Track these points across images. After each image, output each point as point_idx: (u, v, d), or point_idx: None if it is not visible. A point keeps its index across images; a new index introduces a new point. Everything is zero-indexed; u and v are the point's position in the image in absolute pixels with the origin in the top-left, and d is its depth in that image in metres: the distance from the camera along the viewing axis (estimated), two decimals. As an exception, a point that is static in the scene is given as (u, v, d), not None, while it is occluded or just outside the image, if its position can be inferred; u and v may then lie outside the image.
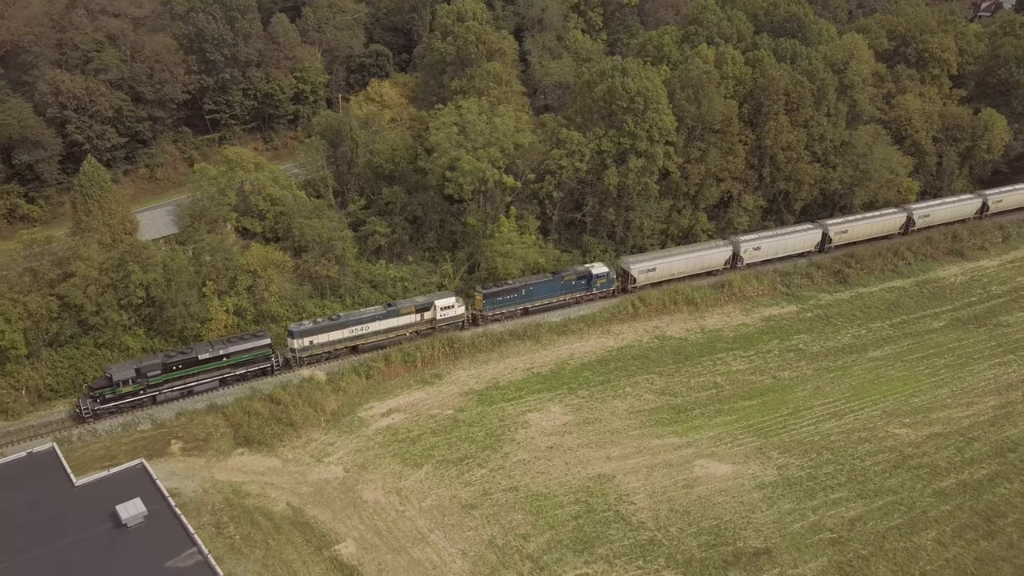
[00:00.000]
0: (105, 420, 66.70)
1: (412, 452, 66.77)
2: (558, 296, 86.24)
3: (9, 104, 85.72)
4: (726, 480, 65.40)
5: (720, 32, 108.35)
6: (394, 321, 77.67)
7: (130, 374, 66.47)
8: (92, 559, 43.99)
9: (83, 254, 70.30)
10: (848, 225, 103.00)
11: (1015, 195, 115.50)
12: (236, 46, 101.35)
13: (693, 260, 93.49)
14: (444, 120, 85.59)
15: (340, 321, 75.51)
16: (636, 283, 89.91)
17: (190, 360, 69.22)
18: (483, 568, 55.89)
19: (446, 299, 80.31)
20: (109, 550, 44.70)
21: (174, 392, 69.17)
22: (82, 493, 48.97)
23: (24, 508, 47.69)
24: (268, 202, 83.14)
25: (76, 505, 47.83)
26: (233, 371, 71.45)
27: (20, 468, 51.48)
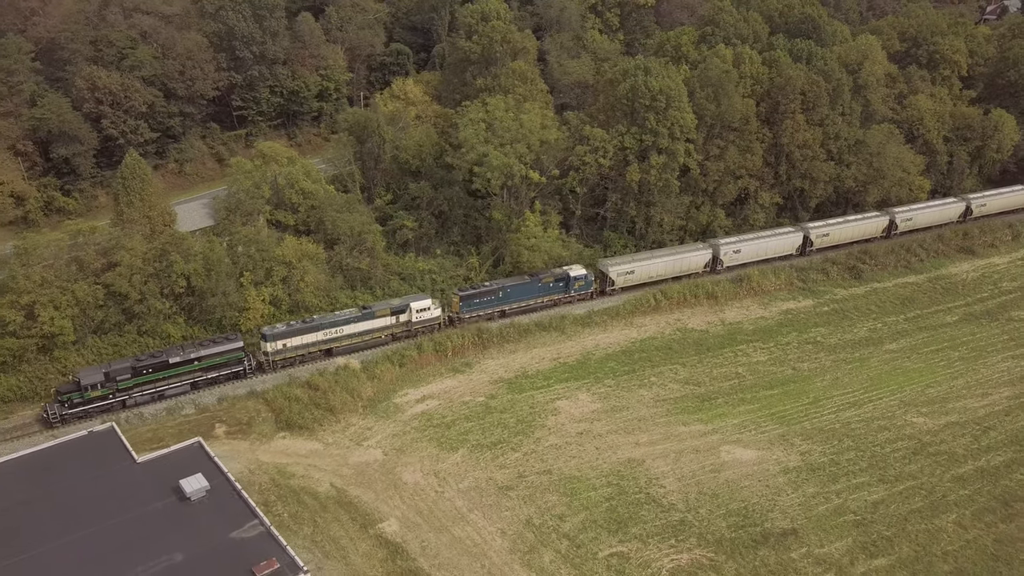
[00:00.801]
0: (150, 405, 68.68)
1: (447, 436, 68.95)
2: (536, 298, 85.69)
3: (48, 99, 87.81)
4: (751, 465, 67.61)
5: (737, 33, 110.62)
6: (369, 324, 76.78)
7: (99, 378, 65.17)
8: (161, 529, 46.14)
9: (126, 244, 72.43)
10: (830, 228, 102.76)
11: (999, 199, 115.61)
12: (264, 44, 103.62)
13: (672, 263, 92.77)
14: (472, 117, 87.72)
15: (314, 324, 74.39)
16: (615, 285, 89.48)
17: (160, 364, 67.80)
18: (522, 546, 58.06)
19: (422, 301, 79.42)
20: (176, 521, 46.87)
21: (144, 396, 67.84)
22: (145, 469, 51.15)
23: (92, 482, 49.88)
24: (301, 196, 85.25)
25: (141, 480, 50.01)
26: (205, 374, 70.06)
27: (83, 446, 53.67)
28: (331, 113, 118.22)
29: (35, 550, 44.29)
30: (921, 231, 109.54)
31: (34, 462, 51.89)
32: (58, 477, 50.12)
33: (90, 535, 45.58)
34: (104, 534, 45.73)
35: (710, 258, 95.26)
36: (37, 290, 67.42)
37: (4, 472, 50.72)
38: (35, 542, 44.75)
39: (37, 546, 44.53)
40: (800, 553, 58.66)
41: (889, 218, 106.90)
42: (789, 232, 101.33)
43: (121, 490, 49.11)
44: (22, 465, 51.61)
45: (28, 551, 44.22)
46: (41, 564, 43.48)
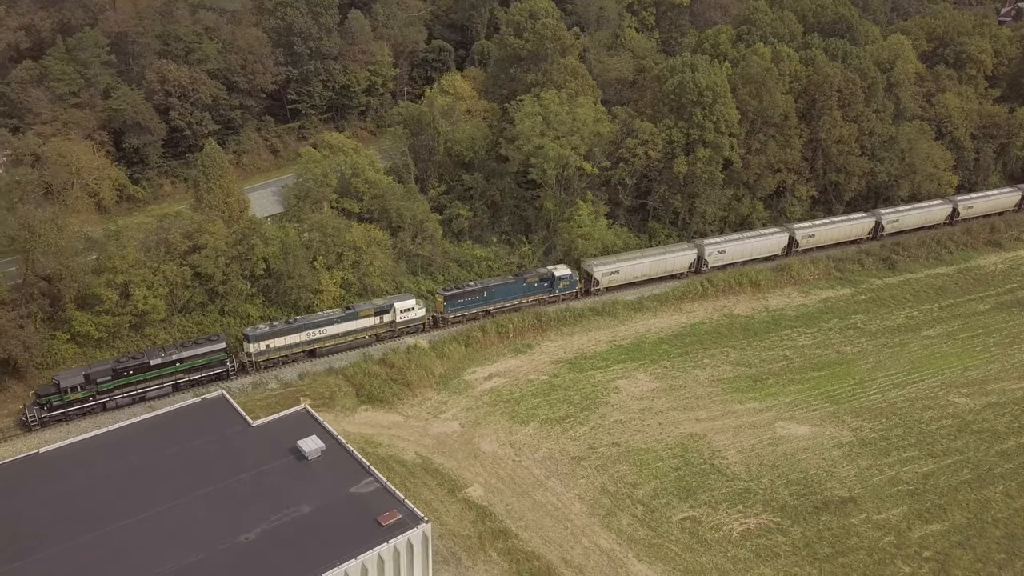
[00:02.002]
0: (236, 379, 72.33)
1: (517, 411, 72.81)
2: (520, 298, 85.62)
3: (121, 91, 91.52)
4: (807, 440, 71.50)
5: (774, 32, 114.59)
6: (352, 324, 76.25)
7: (78, 380, 64.30)
8: (285, 484, 49.83)
9: (209, 228, 76.13)
10: (815, 229, 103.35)
11: (985, 202, 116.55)
12: (320, 40, 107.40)
13: (656, 263, 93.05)
14: (528, 110, 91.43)
15: (297, 324, 73.80)
16: (599, 285, 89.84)
17: (141, 365, 67.00)
18: (600, 510, 61.91)
19: (406, 301, 79.00)
20: (298, 478, 50.57)
21: (125, 399, 67.05)
22: (260, 432, 54.86)
23: (214, 443, 53.60)
24: (366, 185, 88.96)
25: (259, 441, 53.69)
26: (187, 376, 69.36)
27: (199, 411, 57.38)
28: (376, 107, 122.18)
29: (176, 501, 48.03)
30: (908, 232, 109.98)
31: (156, 424, 55.64)
32: (183, 438, 53.83)
33: (222, 489, 49.33)
34: (235, 488, 49.46)
35: (695, 258, 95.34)
36: (131, 270, 71.12)
37: (131, 434, 54.43)
38: (174, 495, 48.42)
39: (177, 498, 48.24)
40: (860, 519, 62.54)
41: (875, 220, 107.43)
42: (775, 232, 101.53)
43: (243, 449, 52.83)
44: (146, 427, 55.33)
45: (170, 502, 47.96)
46: (185, 512, 47.21)
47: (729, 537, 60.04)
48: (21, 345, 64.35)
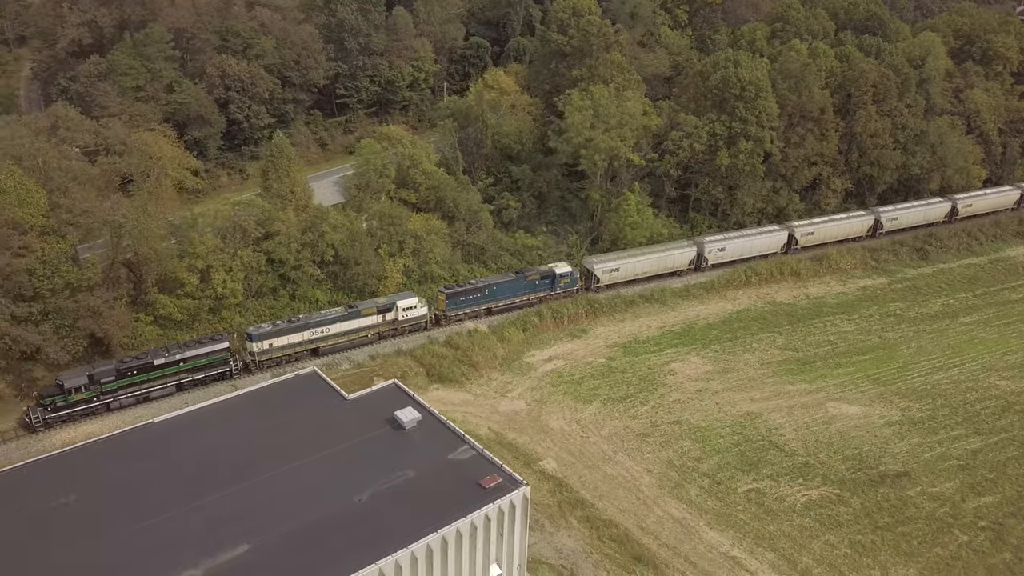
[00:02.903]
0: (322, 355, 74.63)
1: (580, 391, 75.95)
2: (522, 296, 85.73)
3: (185, 85, 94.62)
4: (858, 419, 74.59)
5: (807, 29, 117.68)
6: (356, 323, 75.96)
7: (82, 381, 63.72)
8: (388, 452, 52.88)
9: (281, 216, 79.27)
10: (815, 227, 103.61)
11: (984, 200, 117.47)
12: (369, 36, 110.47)
13: (657, 260, 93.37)
14: (579, 104, 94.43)
15: (300, 323, 73.51)
16: (600, 283, 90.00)
17: (145, 366, 66.56)
18: (668, 482, 65.06)
19: (408, 300, 78.80)
20: (398, 446, 53.61)
21: (129, 399, 66.52)
22: (356, 404, 57.90)
23: (315, 414, 56.68)
24: (424, 176, 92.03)
25: (357, 413, 56.70)
26: (190, 376, 69.05)
27: (295, 385, 60.47)
28: (417, 103, 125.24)
29: (289, 466, 51.07)
30: (908, 230, 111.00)
31: (257, 397, 58.81)
32: (285, 409, 56.93)
33: (330, 455, 52.33)
34: (342, 454, 52.50)
35: (695, 256, 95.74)
36: (210, 255, 74.25)
37: (235, 406, 57.57)
38: (287, 460, 51.42)
39: (290, 463, 51.28)
40: (915, 491, 65.66)
41: (874, 217, 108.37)
42: (774, 231, 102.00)
43: (344, 420, 55.88)
44: (248, 400, 58.44)
45: (283, 466, 51.02)
46: (300, 476, 50.23)
47: (793, 507, 63.18)
48: (116, 325, 67.40)
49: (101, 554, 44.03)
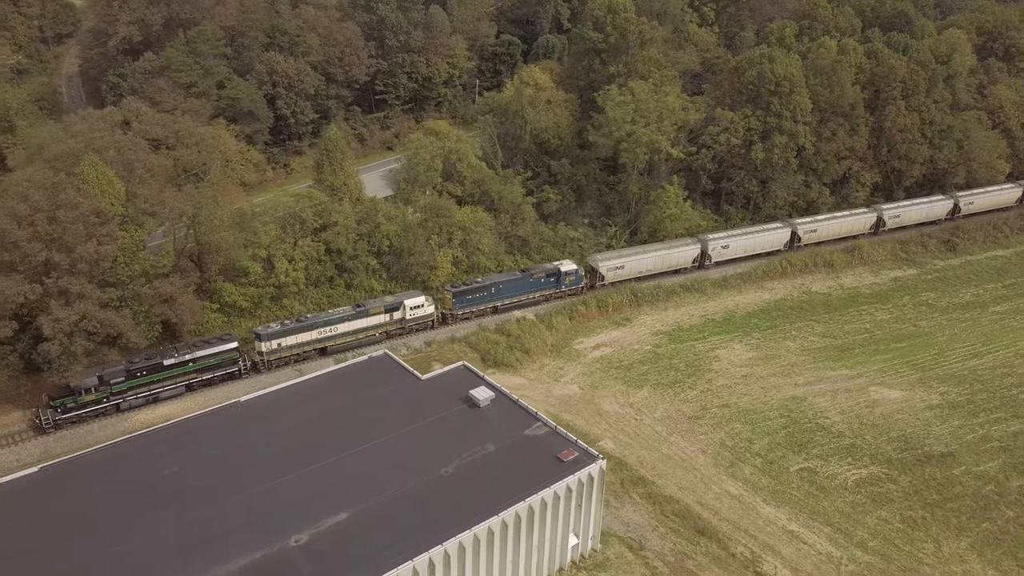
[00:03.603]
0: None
1: (630, 376, 78.48)
2: (527, 294, 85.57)
3: (236, 82, 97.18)
4: (899, 403, 77.07)
5: (836, 26, 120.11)
6: (363, 322, 75.75)
7: (92, 382, 63.35)
8: (467, 427, 55.46)
9: (338, 208, 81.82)
10: (817, 224, 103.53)
11: (986, 197, 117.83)
12: (408, 33, 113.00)
13: (661, 258, 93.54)
14: (620, 99, 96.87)
15: (308, 323, 73.19)
16: (604, 280, 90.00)
17: (155, 366, 66.16)
18: (722, 462, 67.58)
19: (415, 299, 78.79)
20: (476, 422, 56.19)
21: (139, 399, 66.13)
22: (431, 384, 60.54)
23: (394, 393, 59.31)
24: (470, 169, 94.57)
25: (433, 392, 59.32)
26: (199, 376, 68.61)
27: (371, 366, 63.20)
28: (451, 99, 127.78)
29: (376, 440, 53.71)
30: (911, 228, 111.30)
31: (336, 377, 61.60)
32: (365, 388, 59.63)
33: (413, 430, 54.93)
34: (424, 430, 55.10)
35: (699, 253, 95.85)
36: (274, 244, 76.82)
37: (317, 386, 60.27)
38: (373, 435, 54.09)
39: (377, 438, 53.92)
40: (960, 470, 68.15)
41: (877, 215, 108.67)
42: (777, 228, 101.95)
43: (422, 398, 58.50)
44: (328, 380, 61.28)
45: (371, 441, 53.64)
46: (388, 450, 52.82)
47: (845, 485, 65.69)
48: (188, 311, 69.97)
49: (214, 519, 46.68)
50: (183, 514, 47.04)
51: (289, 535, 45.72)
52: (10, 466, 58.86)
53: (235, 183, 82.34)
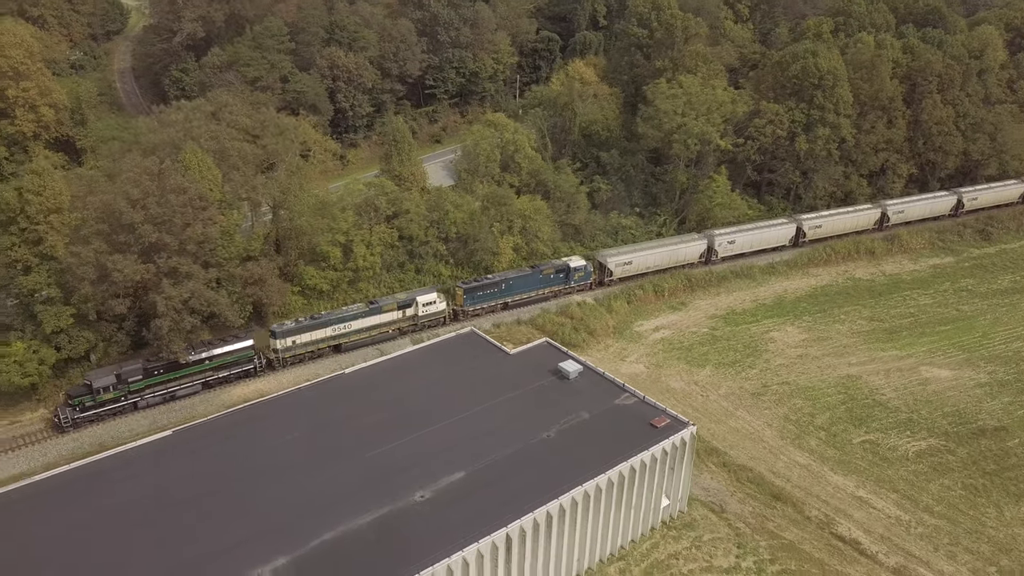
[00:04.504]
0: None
1: (691, 356, 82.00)
2: (537, 290, 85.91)
3: (301, 76, 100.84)
4: (950, 381, 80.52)
5: (871, 22, 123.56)
6: (376, 319, 75.86)
7: (110, 381, 63.25)
8: (560, 397, 58.95)
9: (408, 196, 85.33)
10: (822, 220, 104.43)
11: (989, 194, 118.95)
12: (459, 29, 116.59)
13: (668, 253, 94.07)
14: (670, 92, 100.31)
15: (322, 320, 73.25)
16: (612, 276, 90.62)
17: (172, 364, 66.03)
18: (788, 435, 71.09)
19: (427, 295, 79.05)
20: (567, 393, 59.68)
21: (156, 398, 66.05)
22: (520, 358, 64.10)
23: (488, 365, 62.88)
24: (526, 160, 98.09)
25: (523, 365, 62.84)
26: (216, 374, 68.61)
27: (460, 342, 66.82)
28: (493, 93, 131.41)
29: (478, 407, 57.25)
30: (914, 223, 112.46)
31: (431, 351, 65.35)
32: (460, 362, 63.33)
33: (512, 399, 58.46)
34: (521, 399, 58.62)
35: (705, 248, 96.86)
36: (352, 230, 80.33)
37: (413, 359, 64.01)
38: (475, 403, 57.65)
39: (478, 405, 57.46)
40: (1014, 443, 71.58)
41: (881, 211, 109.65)
42: (782, 224, 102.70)
43: (513, 371, 62.03)
44: (423, 354, 65.13)
45: (473, 408, 57.21)
46: (492, 416, 56.30)
47: (906, 455, 69.19)
48: (276, 292, 73.55)
49: (341, 478, 50.29)
50: (313, 473, 50.62)
51: (413, 491, 49.30)
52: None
53: (316, 171, 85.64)
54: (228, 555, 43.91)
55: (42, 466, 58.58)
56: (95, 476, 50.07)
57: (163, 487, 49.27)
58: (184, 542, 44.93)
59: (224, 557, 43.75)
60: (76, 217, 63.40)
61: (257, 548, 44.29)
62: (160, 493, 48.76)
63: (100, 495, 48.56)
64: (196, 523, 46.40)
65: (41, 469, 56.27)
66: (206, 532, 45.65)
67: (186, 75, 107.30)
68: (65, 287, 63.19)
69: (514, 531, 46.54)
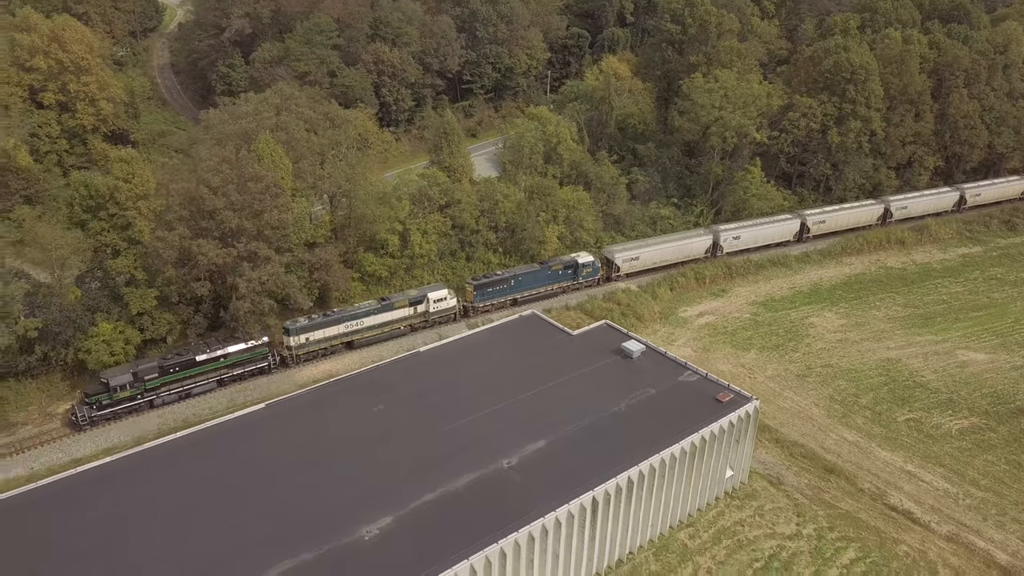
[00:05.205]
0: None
1: (736, 340, 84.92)
2: (546, 286, 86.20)
3: (348, 71, 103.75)
4: (986, 364, 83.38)
5: (898, 18, 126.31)
6: (388, 315, 75.98)
7: (127, 379, 63.33)
8: (626, 375, 61.86)
9: (459, 187, 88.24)
10: (826, 215, 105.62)
11: (991, 189, 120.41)
12: (496, 25, 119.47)
13: (674, 249, 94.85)
14: (707, 87, 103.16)
15: (335, 317, 73.29)
16: (620, 271, 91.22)
17: (187, 362, 66.16)
18: (835, 413, 74.00)
19: (438, 292, 78.95)
20: (632, 371, 62.60)
21: (171, 396, 66.04)
22: (583, 338, 67.07)
23: (554, 345, 65.78)
24: (568, 152, 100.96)
25: (587, 345, 65.78)
26: (230, 371, 68.53)
27: (524, 324, 69.76)
28: (525, 88, 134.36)
29: (553, 382, 60.26)
30: (916, 219, 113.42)
31: (498, 332, 68.44)
32: (528, 341, 66.31)
33: (580, 376, 61.37)
34: (589, 376, 61.54)
35: (711, 244, 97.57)
36: (408, 219, 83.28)
37: (483, 339, 67.05)
38: (548, 379, 60.59)
39: (552, 381, 60.43)
40: (1053, 421, 74.55)
41: (884, 206, 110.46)
42: (787, 219, 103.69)
43: (579, 350, 64.98)
44: (490, 334, 68.15)
45: (547, 383, 60.19)
46: (564, 390, 59.27)
47: (950, 433, 72.09)
48: (341, 278, 76.52)
49: (432, 446, 53.29)
50: (404, 442, 53.60)
51: (500, 459, 52.24)
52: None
53: (375, 161, 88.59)
54: (338, 516, 46.84)
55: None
56: (198, 444, 53.11)
57: (267, 454, 52.28)
58: (295, 504, 47.88)
59: (334, 517, 46.68)
60: (160, 203, 66.36)
61: (364, 509, 47.26)
62: (267, 459, 51.77)
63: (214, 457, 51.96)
64: (303, 487, 49.31)
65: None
66: (313, 496, 48.56)
67: (233, 70, 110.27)
68: (149, 270, 66.20)
69: (599, 494, 49.48)
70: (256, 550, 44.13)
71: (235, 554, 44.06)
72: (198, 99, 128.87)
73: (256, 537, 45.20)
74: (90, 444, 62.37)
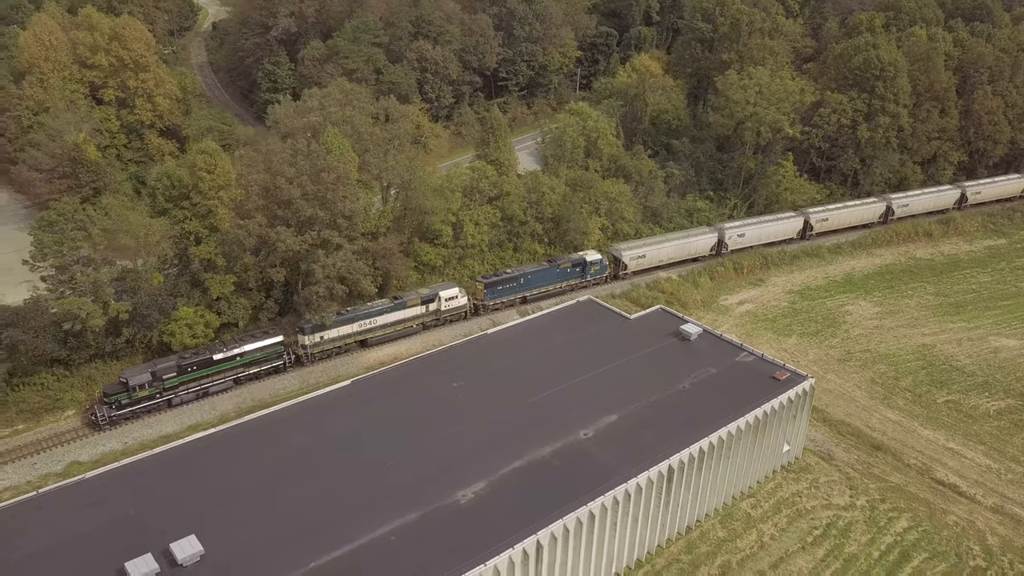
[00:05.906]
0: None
1: (777, 326, 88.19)
2: (554, 283, 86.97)
3: (393, 68, 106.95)
4: (1019, 349, 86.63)
5: (921, 16, 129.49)
6: (401, 314, 76.81)
7: (146, 378, 63.79)
8: (685, 355, 65.13)
9: (507, 179, 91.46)
10: (828, 213, 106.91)
11: (993, 187, 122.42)
12: (532, 24, 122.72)
13: (680, 246, 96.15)
14: (741, 83, 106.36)
15: (349, 316, 73.73)
16: (627, 269, 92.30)
17: (205, 361, 66.68)
18: (877, 395, 77.28)
19: (450, 290, 79.66)
20: (691, 352, 65.89)
21: (189, 395, 66.59)
22: (640, 322, 70.37)
23: (614, 328, 69.13)
24: (609, 146, 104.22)
25: (645, 328, 69.11)
26: (246, 370, 69.02)
27: (582, 309, 73.12)
28: (556, 86, 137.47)
29: (618, 361, 63.56)
30: (919, 216, 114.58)
31: (556, 317, 71.80)
32: (587, 325, 69.66)
33: (642, 356, 64.70)
34: (651, 356, 64.86)
35: (716, 241, 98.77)
36: (461, 211, 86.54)
37: (543, 323, 70.43)
38: (611, 359, 63.89)
39: (615, 361, 63.73)
40: (1086, 403, 77.77)
41: (886, 204, 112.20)
42: (791, 217, 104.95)
43: (638, 333, 68.28)
44: (550, 319, 71.52)
45: (614, 362, 63.49)
46: (630, 369, 62.64)
47: (988, 413, 75.35)
48: (401, 266, 79.74)
49: (513, 420, 56.62)
50: (488, 414, 56.95)
51: (577, 430, 55.58)
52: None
53: (430, 154, 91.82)
54: (436, 481, 50.17)
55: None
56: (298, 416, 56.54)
57: (363, 427, 55.61)
58: (397, 470, 51.22)
59: (435, 482, 50.01)
60: (240, 193, 69.66)
61: (457, 475, 50.59)
62: (363, 431, 55.08)
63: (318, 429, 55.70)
64: (401, 456, 52.65)
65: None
66: (410, 464, 51.88)
67: (278, 68, 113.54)
68: (228, 257, 69.51)
69: (675, 462, 52.78)
70: (366, 512, 47.41)
71: (354, 512, 47.39)
72: (238, 96, 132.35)
73: (366, 499, 48.56)
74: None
